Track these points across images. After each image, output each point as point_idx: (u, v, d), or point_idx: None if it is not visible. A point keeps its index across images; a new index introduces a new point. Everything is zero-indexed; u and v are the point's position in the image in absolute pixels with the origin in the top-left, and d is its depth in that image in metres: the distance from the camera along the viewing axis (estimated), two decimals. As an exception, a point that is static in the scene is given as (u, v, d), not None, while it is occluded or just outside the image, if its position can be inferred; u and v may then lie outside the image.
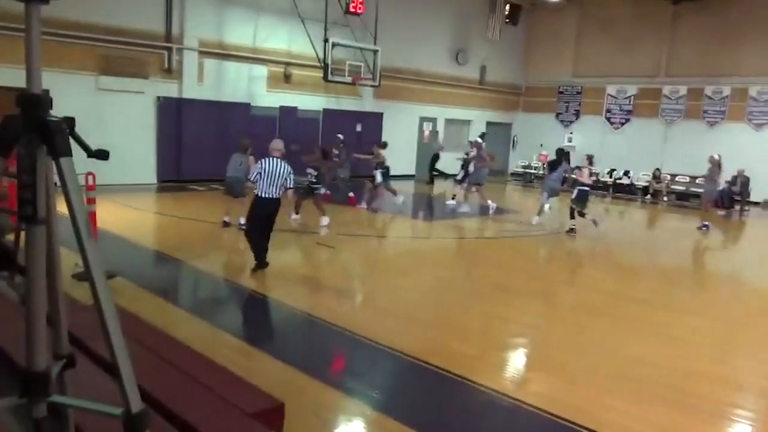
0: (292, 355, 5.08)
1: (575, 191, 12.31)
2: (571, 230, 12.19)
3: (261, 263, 7.69)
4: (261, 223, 7.60)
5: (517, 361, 5.59)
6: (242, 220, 9.42)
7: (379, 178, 13.27)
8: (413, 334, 5.92)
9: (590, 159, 12.85)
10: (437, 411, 4.34)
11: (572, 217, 12.28)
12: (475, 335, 6.00)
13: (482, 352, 5.52)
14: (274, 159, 7.54)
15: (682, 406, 4.55)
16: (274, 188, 7.45)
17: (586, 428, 4.09)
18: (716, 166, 14.32)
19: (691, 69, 21.60)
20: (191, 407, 2.90)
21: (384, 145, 14.89)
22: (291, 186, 7.59)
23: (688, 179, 21.19)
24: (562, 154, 13.53)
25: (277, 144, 7.79)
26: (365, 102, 20.37)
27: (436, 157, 20.94)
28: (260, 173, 7.46)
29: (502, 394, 4.59)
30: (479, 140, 15.60)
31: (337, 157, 14.26)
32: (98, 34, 14.24)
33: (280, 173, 7.44)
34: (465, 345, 5.65)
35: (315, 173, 11.72)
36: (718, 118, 21.31)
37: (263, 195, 7.43)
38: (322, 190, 11.67)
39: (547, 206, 13.64)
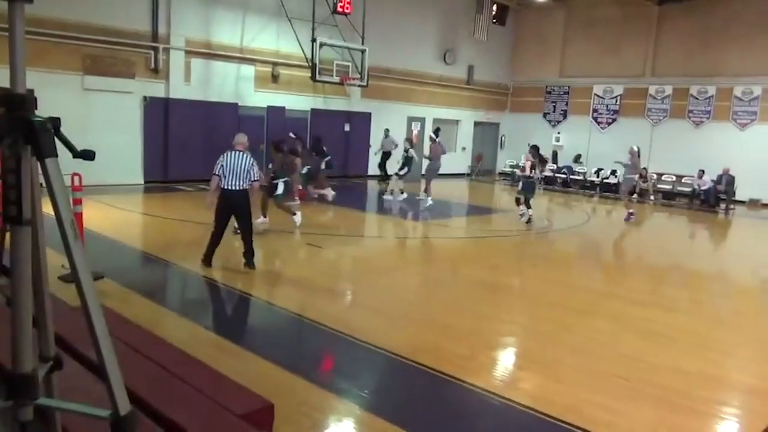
0: (281, 356, 5.07)
1: (520, 183, 13.21)
2: (522, 215, 12.90)
3: (208, 258, 7.77)
4: (227, 217, 7.72)
5: (506, 360, 5.60)
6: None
7: (280, 189, 11.91)
8: (402, 333, 5.92)
9: (536, 150, 13.41)
10: (427, 411, 4.34)
11: (518, 204, 13.07)
12: (464, 334, 6.02)
13: (471, 351, 5.53)
14: (237, 152, 7.64)
15: (670, 404, 4.59)
16: (239, 180, 7.54)
17: (575, 426, 4.11)
18: (635, 157, 15.11)
19: (677, 69, 21.79)
20: (179, 408, 2.88)
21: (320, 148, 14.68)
22: (256, 178, 7.68)
23: (674, 178, 21.38)
24: (536, 150, 13.71)
25: (240, 138, 7.88)
26: (353, 102, 20.36)
27: (386, 155, 20.09)
28: (223, 166, 7.57)
29: (492, 393, 4.60)
30: (433, 135, 16.06)
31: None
32: (84, 33, 14.14)
33: (242, 165, 7.54)
34: (454, 344, 5.66)
35: (273, 172, 11.08)
36: (703, 118, 21.51)
37: (228, 187, 7.56)
38: (281, 189, 11.04)
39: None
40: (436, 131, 16.42)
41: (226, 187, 7.56)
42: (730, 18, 20.50)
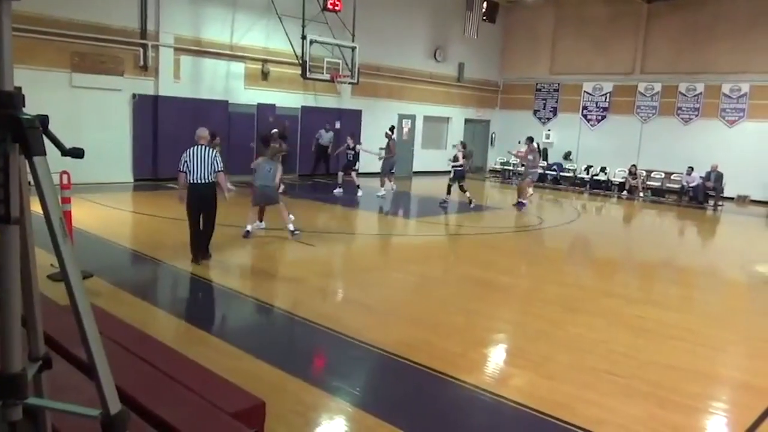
0: (273, 354, 5.06)
1: (452, 171, 14.95)
2: (444, 202, 14.69)
3: (196, 255, 7.91)
4: (197, 210, 7.87)
5: (497, 356, 5.62)
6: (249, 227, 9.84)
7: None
8: (394, 330, 5.93)
9: (464, 145, 15.64)
10: (419, 408, 4.35)
11: (449, 193, 14.90)
12: (456, 331, 6.03)
13: (463, 348, 5.55)
14: (200, 146, 7.84)
15: (660, 400, 4.62)
16: (205, 173, 7.72)
17: (566, 423, 4.13)
18: (536, 152, 16.50)
19: (666, 66, 21.92)
20: (170, 407, 2.87)
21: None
22: (220, 169, 7.82)
23: (663, 175, 21.52)
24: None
25: (203, 132, 8.09)
26: (344, 99, 20.33)
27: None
28: (187, 162, 7.75)
29: (484, 390, 4.62)
30: (389, 132, 16.72)
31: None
32: (72, 30, 14.03)
33: (206, 158, 7.73)
34: (446, 341, 5.67)
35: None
36: (692, 115, 21.64)
37: (194, 181, 7.73)
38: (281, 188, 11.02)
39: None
40: (392, 128, 17.08)
41: (192, 182, 7.76)
42: (718, 15, 20.64)
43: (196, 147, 7.86)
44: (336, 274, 8.65)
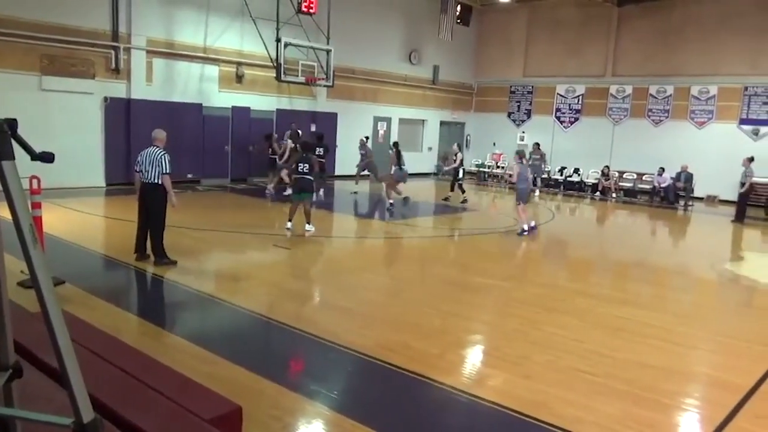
0: (249, 359, 5.02)
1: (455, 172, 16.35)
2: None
3: (138, 250, 8.09)
4: (145, 210, 7.99)
5: (474, 357, 5.65)
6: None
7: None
8: (372, 333, 5.92)
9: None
10: (397, 410, 4.35)
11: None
12: (433, 333, 6.04)
13: (441, 350, 5.56)
14: (153, 147, 7.94)
15: (635, 398, 4.68)
16: (151, 174, 7.82)
17: (543, 422, 4.16)
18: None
19: (636, 69, 22.29)
20: (145, 414, 2.83)
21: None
22: (166, 171, 7.84)
23: (635, 176, 21.85)
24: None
25: (159, 134, 8.13)
26: (319, 102, 20.29)
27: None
28: (140, 162, 7.92)
29: (461, 391, 4.63)
30: (363, 139, 17.94)
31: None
32: (41, 32, 13.79)
33: (154, 160, 7.82)
34: (424, 343, 5.68)
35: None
36: (662, 117, 22.02)
37: (143, 180, 7.90)
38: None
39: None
40: (367, 138, 18.25)
41: (142, 181, 7.92)
42: (688, 19, 21.05)
43: (150, 148, 7.95)
44: (312, 277, 8.61)
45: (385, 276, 8.60)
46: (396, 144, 15.74)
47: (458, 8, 23.56)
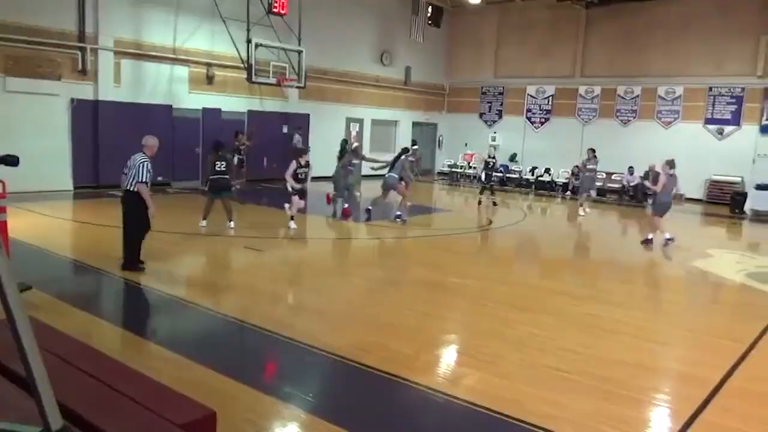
0: (223, 363, 4.96)
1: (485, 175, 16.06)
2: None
3: (126, 263, 7.79)
4: (124, 216, 7.84)
5: (449, 357, 5.67)
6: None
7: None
8: (347, 335, 5.91)
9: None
10: (373, 411, 4.35)
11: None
12: (408, 334, 6.05)
13: (416, 350, 5.57)
14: (139, 153, 7.81)
15: (608, 394, 4.75)
16: (128, 180, 7.67)
17: (518, 420, 4.20)
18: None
19: (604, 70, 22.66)
20: (117, 421, 2.78)
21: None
22: (141, 180, 7.58)
23: (604, 175, 22.14)
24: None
25: (146, 140, 7.97)
26: (291, 103, 20.19)
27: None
28: (127, 165, 7.79)
29: (437, 391, 4.65)
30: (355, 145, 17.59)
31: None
32: (5, 33, 13.48)
33: (133, 165, 7.67)
34: (399, 344, 5.69)
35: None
36: (630, 117, 22.41)
37: (122, 185, 7.81)
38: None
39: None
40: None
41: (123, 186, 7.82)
42: (654, 21, 21.46)
43: (137, 153, 7.79)
44: (286, 280, 8.56)
45: (358, 277, 8.59)
46: (409, 149, 15.25)
47: (429, 10, 23.69)
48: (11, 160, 1.56)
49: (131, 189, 7.61)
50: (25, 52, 13.98)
